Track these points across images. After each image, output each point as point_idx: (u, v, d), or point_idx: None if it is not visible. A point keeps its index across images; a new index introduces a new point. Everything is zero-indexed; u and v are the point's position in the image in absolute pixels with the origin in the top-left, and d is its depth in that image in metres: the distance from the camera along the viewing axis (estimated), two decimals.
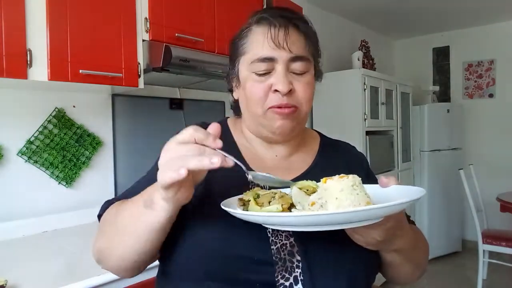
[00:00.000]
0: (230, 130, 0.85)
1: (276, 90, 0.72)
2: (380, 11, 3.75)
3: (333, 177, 0.58)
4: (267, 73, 0.73)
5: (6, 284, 1.07)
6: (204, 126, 0.81)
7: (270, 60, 0.72)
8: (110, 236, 0.68)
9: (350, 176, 0.58)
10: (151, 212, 0.59)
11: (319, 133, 0.93)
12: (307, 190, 0.64)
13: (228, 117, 0.90)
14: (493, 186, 3.81)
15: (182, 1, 1.83)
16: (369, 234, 0.61)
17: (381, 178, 0.65)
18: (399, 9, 3.70)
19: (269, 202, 0.61)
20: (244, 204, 0.62)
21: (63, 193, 1.81)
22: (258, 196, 0.62)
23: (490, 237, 3.10)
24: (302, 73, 0.75)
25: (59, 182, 1.80)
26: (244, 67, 0.76)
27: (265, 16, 0.75)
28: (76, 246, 1.48)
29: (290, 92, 0.72)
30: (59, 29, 1.43)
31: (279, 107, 0.72)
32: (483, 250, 3.13)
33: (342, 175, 0.58)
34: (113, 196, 1.96)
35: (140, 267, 0.70)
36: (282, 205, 0.59)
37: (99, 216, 0.76)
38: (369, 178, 0.86)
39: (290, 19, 0.74)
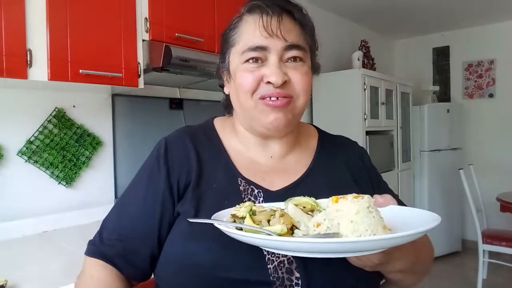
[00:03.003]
0: (217, 132, 0.79)
1: (269, 82, 0.67)
2: (380, 11, 3.75)
3: (347, 196, 0.54)
4: (260, 63, 0.68)
5: (6, 284, 1.07)
6: (189, 129, 0.79)
7: (262, 49, 0.67)
8: None
9: (365, 196, 0.53)
10: None
11: (317, 128, 0.87)
12: (304, 207, 0.60)
13: (215, 117, 0.84)
14: (493, 186, 3.80)
15: (182, 1, 1.83)
16: (368, 258, 0.56)
17: (377, 198, 0.62)
18: (399, 9, 3.69)
19: (269, 221, 0.56)
20: (235, 221, 0.57)
21: (63, 193, 1.81)
22: (254, 212, 0.57)
23: (490, 237, 3.10)
24: (298, 63, 0.69)
25: (59, 182, 1.79)
26: (235, 58, 0.72)
27: (257, 3, 0.70)
28: (76, 246, 1.48)
29: (285, 84, 0.67)
30: (59, 29, 1.43)
31: (271, 96, 0.67)
32: (483, 250, 3.13)
33: (355, 194, 0.54)
34: (112, 196, 1.98)
35: None
36: (286, 225, 0.54)
37: (86, 253, 0.72)
38: (370, 176, 0.81)
39: (284, 6, 0.69)
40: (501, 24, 4.18)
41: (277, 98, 0.68)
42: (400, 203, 0.71)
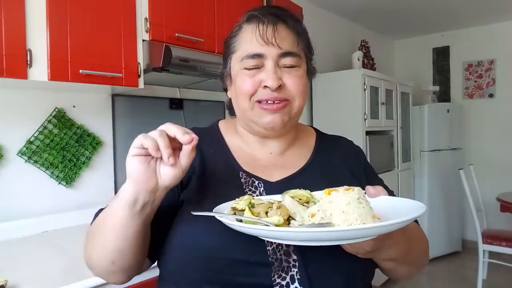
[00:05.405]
0: (221, 133, 0.86)
1: (266, 86, 0.73)
2: (380, 11, 3.75)
3: (338, 188, 0.57)
4: (257, 68, 0.74)
5: (6, 284, 1.07)
6: (195, 130, 0.81)
7: (259, 56, 0.73)
8: (92, 236, 0.72)
9: (356, 188, 0.57)
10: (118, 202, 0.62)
11: (315, 129, 0.93)
12: (300, 199, 0.63)
13: (220, 120, 0.91)
14: (493, 186, 3.81)
15: (182, 1, 1.83)
16: (360, 245, 0.60)
17: (369, 189, 0.65)
18: (399, 9, 3.70)
19: (266, 213, 0.59)
20: (235, 214, 0.60)
21: (63, 193, 1.81)
22: (253, 205, 0.60)
23: (490, 237, 3.10)
24: (293, 67, 0.75)
25: (59, 182, 1.80)
26: (235, 64, 0.78)
27: (254, 14, 0.76)
28: (76, 246, 1.48)
29: (280, 87, 0.73)
30: (59, 29, 1.43)
31: (267, 100, 0.73)
32: (483, 250, 3.13)
33: (347, 187, 0.57)
34: (112, 196, 1.98)
35: (124, 271, 0.69)
36: (282, 216, 0.58)
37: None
38: (366, 172, 0.85)
39: (279, 16, 0.75)
40: (501, 24, 4.18)
41: (274, 102, 0.74)
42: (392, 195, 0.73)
